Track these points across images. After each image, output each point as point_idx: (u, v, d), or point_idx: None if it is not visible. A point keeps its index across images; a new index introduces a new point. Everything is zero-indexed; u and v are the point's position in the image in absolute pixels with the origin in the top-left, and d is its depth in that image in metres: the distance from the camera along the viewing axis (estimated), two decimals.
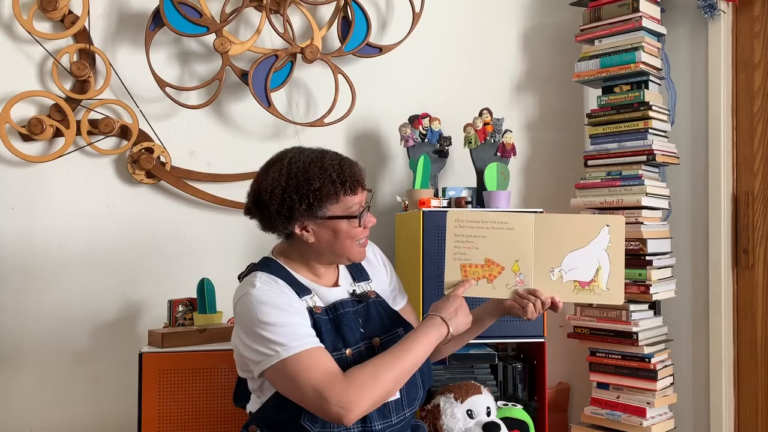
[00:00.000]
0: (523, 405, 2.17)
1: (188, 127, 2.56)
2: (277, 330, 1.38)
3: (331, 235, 1.48)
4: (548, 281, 1.57)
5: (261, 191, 1.47)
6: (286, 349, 1.36)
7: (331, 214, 1.46)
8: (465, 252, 1.59)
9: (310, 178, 1.44)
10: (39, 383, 2.44)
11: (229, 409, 2.10)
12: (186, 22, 2.39)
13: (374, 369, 1.38)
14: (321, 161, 1.46)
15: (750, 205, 2.41)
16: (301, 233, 1.48)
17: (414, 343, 1.44)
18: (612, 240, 1.56)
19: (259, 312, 1.39)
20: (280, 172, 1.46)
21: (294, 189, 1.43)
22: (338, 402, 1.32)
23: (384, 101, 2.68)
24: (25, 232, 2.44)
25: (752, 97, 2.42)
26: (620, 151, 2.39)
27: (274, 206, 1.45)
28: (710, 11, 2.41)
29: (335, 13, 2.57)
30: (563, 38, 2.78)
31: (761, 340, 2.38)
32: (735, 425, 2.43)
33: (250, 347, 1.40)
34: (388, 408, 1.47)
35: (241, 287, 1.49)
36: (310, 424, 1.40)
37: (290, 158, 1.48)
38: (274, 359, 1.36)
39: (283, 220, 1.46)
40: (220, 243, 2.57)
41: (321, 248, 1.50)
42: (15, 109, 2.38)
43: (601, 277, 1.56)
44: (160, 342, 2.12)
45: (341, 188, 1.45)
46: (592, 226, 1.57)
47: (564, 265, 1.57)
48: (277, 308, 1.41)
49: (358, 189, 1.49)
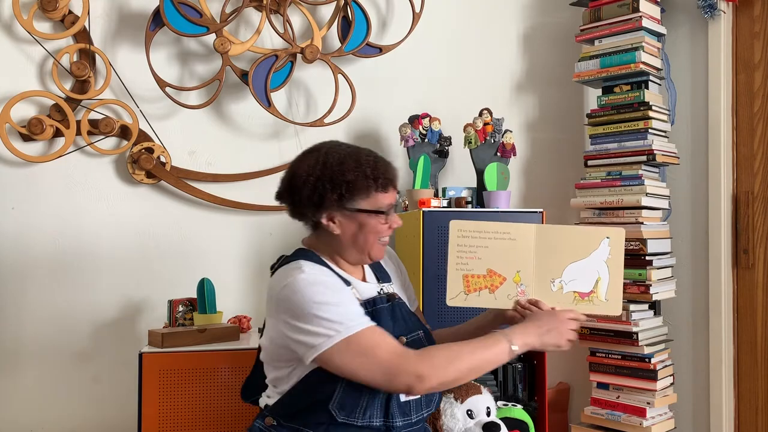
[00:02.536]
0: (523, 405, 2.17)
1: (188, 127, 2.56)
2: (335, 310, 1.39)
3: (356, 228, 1.49)
4: (549, 292, 1.59)
5: (295, 177, 1.49)
6: (347, 328, 1.37)
7: (359, 207, 1.47)
8: (467, 262, 1.61)
9: (344, 170, 1.45)
10: (39, 383, 2.44)
11: (229, 409, 2.10)
12: (186, 22, 2.39)
13: (450, 353, 1.41)
14: (357, 156, 1.48)
15: (750, 205, 2.41)
16: (328, 224, 1.49)
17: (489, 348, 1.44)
18: (612, 252, 1.58)
19: (314, 293, 1.39)
20: (316, 160, 1.47)
21: (328, 178, 1.45)
22: (414, 371, 1.36)
23: (384, 101, 2.69)
24: (25, 232, 2.44)
25: (752, 97, 2.42)
26: (620, 151, 2.39)
27: (306, 193, 1.46)
28: (710, 11, 2.41)
29: (335, 13, 2.57)
30: (563, 38, 2.78)
31: (761, 340, 2.38)
32: (735, 425, 2.43)
33: (304, 330, 1.38)
34: (409, 406, 1.49)
35: (284, 275, 1.45)
36: (337, 411, 1.41)
37: (327, 149, 1.50)
38: (335, 339, 1.37)
39: (312, 207, 1.47)
40: (220, 243, 2.57)
41: (345, 241, 1.51)
42: (15, 109, 2.38)
43: (600, 288, 1.57)
44: (160, 342, 2.12)
45: (374, 184, 1.47)
46: (593, 238, 1.59)
47: (564, 276, 1.59)
48: (332, 289, 1.43)
49: (389, 188, 1.50)
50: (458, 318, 1.64)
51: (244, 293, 2.59)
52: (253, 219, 2.60)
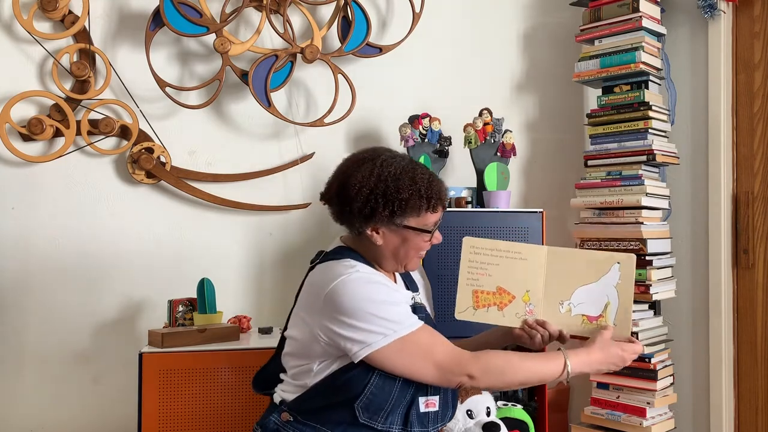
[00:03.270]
0: (523, 405, 2.17)
1: (188, 127, 2.56)
2: (392, 309, 1.41)
3: (399, 242, 1.50)
4: (557, 313, 1.60)
5: (348, 186, 1.47)
6: (403, 327, 1.40)
7: (407, 224, 1.48)
8: (478, 278, 1.62)
9: (400, 187, 1.44)
10: (39, 383, 2.44)
11: (229, 409, 2.10)
12: (186, 22, 2.39)
13: (506, 364, 1.45)
14: (413, 172, 1.47)
15: (750, 205, 2.41)
16: (372, 234, 1.48)
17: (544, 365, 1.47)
18: (622, 277, 1.59)
19: (371, 291, 1.41)
20: (371, 172, 1.46)
21: (381, 193, 1.44)
22: (467, 372, 1.42)
23: (384, 101, 2.68)
24: (25, 232, 2.44)
25: (752, 97, 2.42)
26: (620, 151, 2.39)
27: (358, 204, 1.45)
28: (710, 11, 2.41)
29: (335, 13, 2.57)
30: (563, 38, 2.78)
31: (761, 340, 2.38)
32: (735, 425, 2.43)
33: (359, 328, 1.38)
34: (428, 417, 1.50)
35: (336, 271, 1.44)
36: (361, 411, 1.42)
37: (383, 161, 1.47)
38: (391, 337, 1.38)
39: (361, 219, 1.47)
40: (220, 243, 2.57)
41: (385, 252, 1.51)
42: (15, 109, 2.38)
43: (609, 312, 1.58)
44: (160, 342, 2.12)
45: (426, 204, 1.47)
46: (604, 262, 1.60)
47: (573, 299, 1.60)
48: (388, 288, 1.45)
49: (439, 208, 1.51)
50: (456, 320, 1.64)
51: (244, 293, 2.59)
52: (253, 219, 2.60)
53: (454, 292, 1.63)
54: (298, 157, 2.62)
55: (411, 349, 1.40)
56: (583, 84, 2.58)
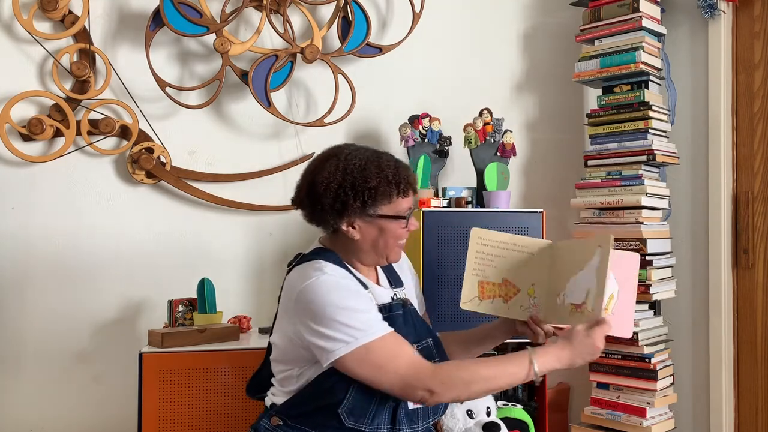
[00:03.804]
0: (523, 405, 2.17)
1: (188, 127, 2.55)
2: (356, 316, 1.38)
3: (376, 233, 1.48)
4: (555, 306, 1.59)
5: (315, 184, 1.46)
6: (366, 335, 1.37)
7: (381, 213, 1.47)
8: (484, 269, 1.62)
9: (367, 177, 1.44)
10: (39, 383, 2.44)
11: (229, 409, 2.10)
12: (186, 22, 2.39)
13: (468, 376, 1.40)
14: (378, 161, 1.47)
15: (750, 205, 2.41)
16: (348, 229, 1.48)
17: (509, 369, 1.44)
18: (600, 260, 1.53)
19: (336, 297, 1.39)
20: (336, 167, 1.45)
21: (350, 185, 1.43)
22: (426, 387, 1.37)
23: (384, 101, 2.69)
24: (25, 232, 2.44)
25: (752, 97, 2.42)
26: (620, 151, 2.39)
27: (328, 200, 1.44)
28: (710, 11, 2.42)
29: (335, 13, 2.57)
30: (563, 38, 2.78)
31: (761, 340, 2.38)
32: (735, 425, 2.43)
33: (324, 334, 1.37)
34: (417, 414, 1.49)
35: (304, 274, 1.44)
36: (346, 416, 1.41)
37: (347, 154, 1.47)
38: (353, 345, 1.36)
39: (334, 214, 1.46)
40: (219, 243, 2.57)
41: (364, 246, 1.50)
42: (15, 109, 2.38)
43: (590, 297, 1.51)
44: (160, 342, 2.12)
45: (396, 189, 1.46)
46: (589, 248, 1.56)
47: (567, 289, 1.59)
48: (354, 294, 1.42)
49: (410, 192, 1.50)
50: (456, 319, 1.64)
51: (244, 293, 2.59)
52: (253, 219, 2.60)
53: (454, 292, 1.63)
54: (298, 157, 2.62)
55: (374, 358, 1.37)
56: (583, 84, 2.58)
